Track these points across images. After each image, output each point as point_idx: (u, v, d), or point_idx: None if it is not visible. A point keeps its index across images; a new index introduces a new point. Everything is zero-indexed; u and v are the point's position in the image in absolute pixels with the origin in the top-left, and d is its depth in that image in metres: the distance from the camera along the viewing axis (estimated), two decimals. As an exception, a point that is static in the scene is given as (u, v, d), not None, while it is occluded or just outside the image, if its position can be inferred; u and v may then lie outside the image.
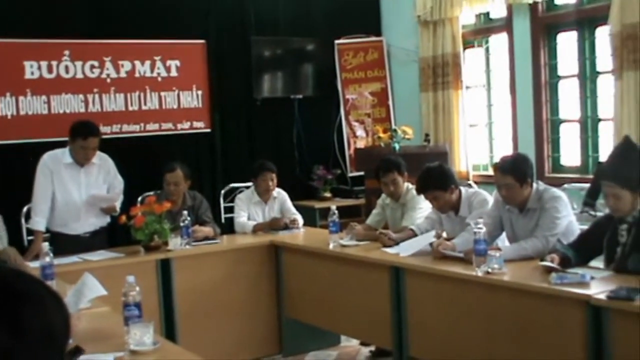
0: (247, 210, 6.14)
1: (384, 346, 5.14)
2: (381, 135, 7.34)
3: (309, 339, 5.80)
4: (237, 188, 6.77)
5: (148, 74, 7.45)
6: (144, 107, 7.43)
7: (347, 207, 7.67)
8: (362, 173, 7.77)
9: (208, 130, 7.83)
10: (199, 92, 7.75)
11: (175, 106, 7.62)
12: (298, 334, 5.76)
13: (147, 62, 7.45)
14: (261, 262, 5.73)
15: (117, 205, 5.65)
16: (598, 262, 4.17)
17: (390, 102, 8.59)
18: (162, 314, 5.20)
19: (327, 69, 8.48)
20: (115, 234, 5.86)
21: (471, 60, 8.09)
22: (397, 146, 7.04)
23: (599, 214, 4.39)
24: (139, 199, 6.10)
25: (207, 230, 5.74)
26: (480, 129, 8.10)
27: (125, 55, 7.33)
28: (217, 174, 7.83)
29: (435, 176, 4.93)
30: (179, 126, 7.64)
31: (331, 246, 5.24)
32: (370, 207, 6.06)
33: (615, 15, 6.19)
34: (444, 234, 4.68)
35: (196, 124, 7.75)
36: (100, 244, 5.52)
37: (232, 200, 6.51)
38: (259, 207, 6.17)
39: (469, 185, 5.93)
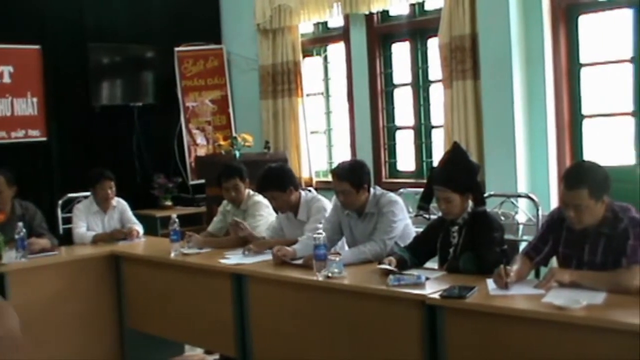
0: (86, 220, 5.99)
1: (228, 354, 5.13)
2: (222, 142, 7.35)
3: (153, 350, 5.72)
4: (76, 198, 6.57)
5: (-22, 80, 7.16)
6: (-26, 115, 7.13)
7: (189, 215, 7.64)
8: (203, 181, 7.75)
9: (44, 138, 7.59)
10: (34, 100, 7.50)
11: (8, 114, 7.34)
12: (141, 344, 5.66)
13: (-23, 68, 7.16)
14: (101, 273, 5.60)
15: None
16: (433, 263, 4.35)
17: (230, 110, 8.61)
18: (-4, 331, 5.00)
19: (167, 77, 8.40)
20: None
21: (310, 69, 8.23)
22: (237, 153, 7.07)
23: (433, 216, 4.56)
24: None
25: (43, 242, 5.55)
26: (320, 136, 8.26)
27: (-47, 60, 7.01)
28: (54, 183, 7.59)
29: (274, 177, 5.05)
30: (13, 135, 7.37)
31: (172, 255, 5.18)
32: (212, 215, 6.06)
33: (444, 28, 6.46)
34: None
35: (31, 132, 7.49)
36: None
37: (70, 211, 6.32)
38: (98, 217, 6.05)
39: (309, 191, 6.03)
